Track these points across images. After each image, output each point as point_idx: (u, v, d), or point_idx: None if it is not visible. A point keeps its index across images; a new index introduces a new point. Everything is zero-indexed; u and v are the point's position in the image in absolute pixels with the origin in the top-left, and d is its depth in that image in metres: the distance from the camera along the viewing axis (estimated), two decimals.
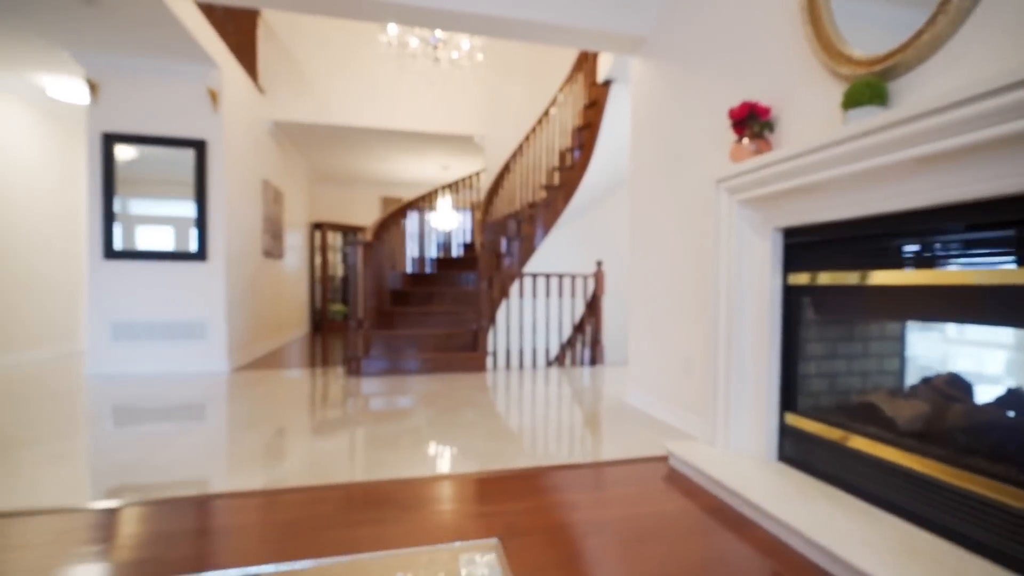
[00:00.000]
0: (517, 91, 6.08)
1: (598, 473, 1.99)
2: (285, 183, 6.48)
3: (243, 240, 4.80)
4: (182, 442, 2.30)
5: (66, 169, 5.26)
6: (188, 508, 1.64)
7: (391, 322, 4.60)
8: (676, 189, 2.66)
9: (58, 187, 5.08)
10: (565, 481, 1.90)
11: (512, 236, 4.91)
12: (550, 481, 1.89)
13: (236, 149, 4.59)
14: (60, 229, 5.16)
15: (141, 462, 2.05)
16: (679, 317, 2.61)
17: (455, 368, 4.19)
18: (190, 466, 2.01)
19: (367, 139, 6.26)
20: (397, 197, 9.15)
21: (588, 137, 4.69)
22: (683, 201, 2.59)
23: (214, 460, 2.09)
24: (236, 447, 2.25)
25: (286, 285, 6.71)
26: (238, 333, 4.59)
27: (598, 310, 4.61)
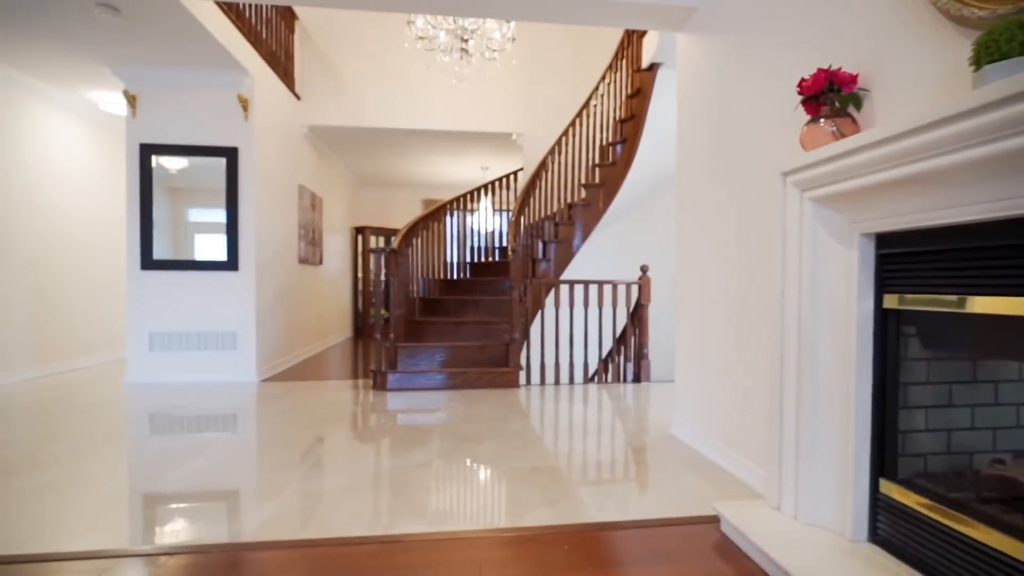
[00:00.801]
0: (555, 86, 5.71)
1: (632, 538, 1.61)
2: (324, 188, 6.43)
3: (276, 248, 4.73)
4: (172, 475, 2.12)
5: (119, 181, 5.40)
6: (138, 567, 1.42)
7: (420, 333, 4.37)
8: (730, 185, 2.22)
9: (111, 198, 5.22)
10: (592, 547, 1.54)
11: (549, 240, 4.55)
12: (574, 547, 1.54)
13: (268, 156, 4.51)
14: (113, 239, 5.31)
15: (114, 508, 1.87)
16: (735, 339, 2.18)
17: (485, 384, 3.89)
18: (158, 509, 1.81)
19: (404, 141, 6.09)
20: (438, 199, 8.99)
21: (632, 129, 4.26)
22: (739, 199, 2.15)
23: (189, 501, 1.88)
24: (225, 482, 2.05)
25: (326, 291, 6.67)
26: (269, 343, 4.51)
27: (643, 321, 4.17)
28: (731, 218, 2.21)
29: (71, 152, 4.72)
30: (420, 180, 8.29)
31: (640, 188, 4.72)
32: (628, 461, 2.32)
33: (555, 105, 5.64)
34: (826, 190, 1.50)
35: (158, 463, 2.25)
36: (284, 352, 4.92)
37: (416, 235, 4.61)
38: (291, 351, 5.15)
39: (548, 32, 5.69)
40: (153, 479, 2.06)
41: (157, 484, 2.02)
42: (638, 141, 4.21)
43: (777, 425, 1.69)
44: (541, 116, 5.67)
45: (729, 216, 2.23)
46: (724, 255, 2.27)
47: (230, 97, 4.11)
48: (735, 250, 2.17)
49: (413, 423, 2.92)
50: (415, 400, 3.52)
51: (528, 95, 5.68)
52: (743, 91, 2.13)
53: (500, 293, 4.79)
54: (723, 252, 2.28)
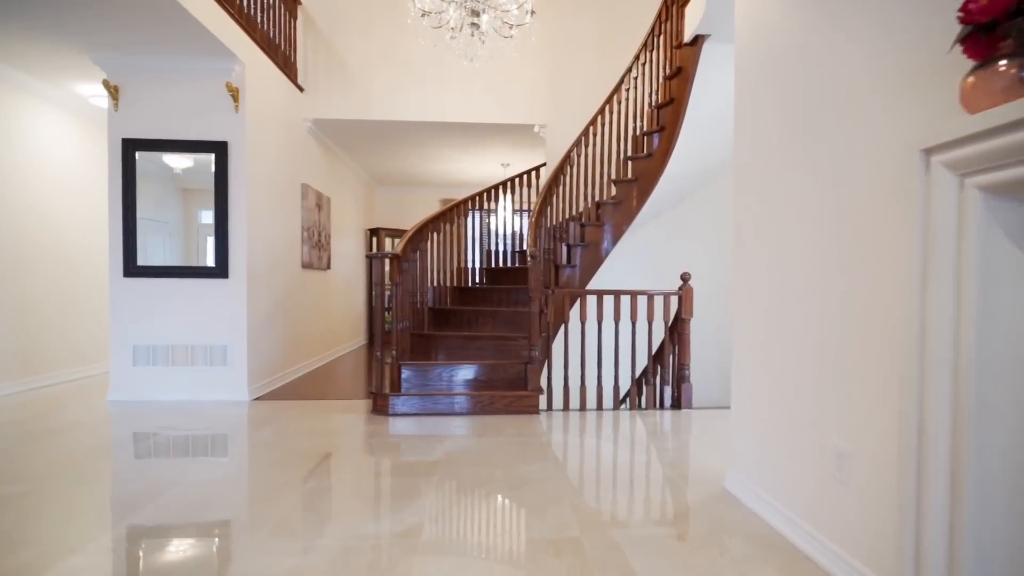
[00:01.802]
0: (582, 72, 5.17)
1: None
2: (332, 188, 6.04)
3: (273, 252, 4.33)
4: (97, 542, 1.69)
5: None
6: None
7: (428, 349, 3.89)
8: (819, 171, 1.66)
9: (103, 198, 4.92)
10: None
11: (574, 243, 4.02)
12: None
13: (264, 151, 4.11)
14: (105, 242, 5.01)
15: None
16: (824, 380, 1.61)
17: (501, 409, 3.38)
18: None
19: (416, 135, 5.64)
20: (456, 199, 8.54)
21: (671, 116, 3.69)
22: (833, 189, 1.59)
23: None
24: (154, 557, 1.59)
25: (335, 297, 6.29)
26: (264, 357, 4.11)
27: (684, 338, 3.60)
28: (814, 212, 1.65)
29: (58, 149, 4.41)
30: (437, 179, 7.85)
31: (679, 183, 4.14)
32: (672, 533, 1.78)
33: (581, 93, 5.10)
34: (1012, 173, 0.95)
35: (87, 520, 1.82)
36: (283, 366, 4.52)
37: (425, 238, 4.14)
38: (292, 364, 4.75)
39: (573, 9, 5.16)
40: (65, 546, 1.63)
41: (62, 557, 1.58)
42: (678, 129, 3.64)
43: (911, 518, 1.13)
44: (566, 105, 5.14)
45: (811, 209, 1.67)
46: (810, 264, 1.70)
47: (218, 86, 3.72)
48: (822, 254, 1.61)
49: (410, 464, 2.44)
50: (419, 429, 3.04)
51: (551, 82, 5.16)
52: (839, 45, 1.57)
53: (519, 304, 4.28)
54: (800, 255, 1.72)
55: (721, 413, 3.49)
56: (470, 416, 3.32)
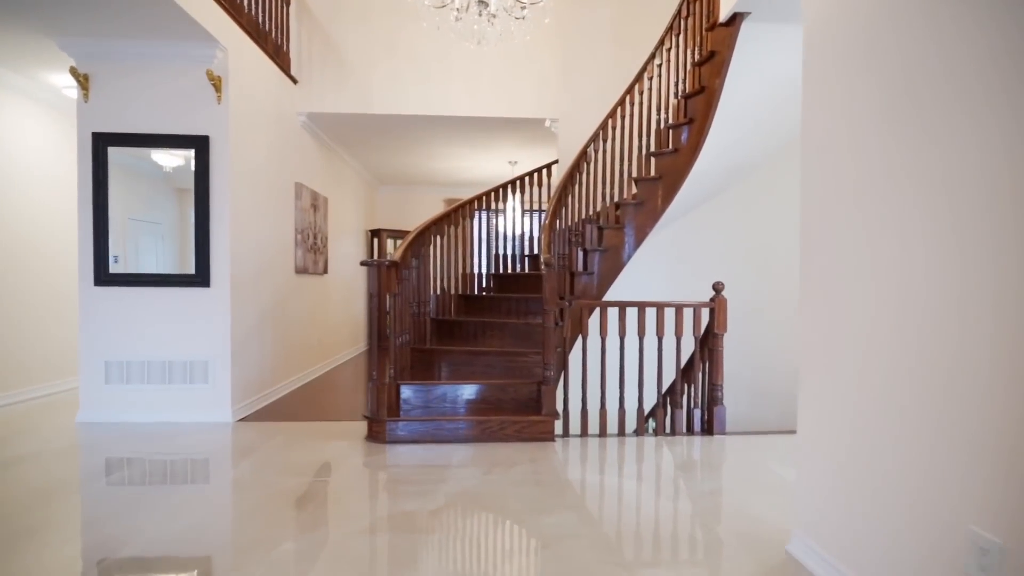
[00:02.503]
0: (596, 63, 4.78)
1: None
2: (329, 187, 5.67)
3: (262, 257, 3.96)
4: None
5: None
6: None
7: (431, 365, 3.52)
8: (947, 156, 1.27)
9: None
10: None
11: (591, 248, 3.64)
12: None
13: (251, 147, 3.75)
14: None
15: None
16: (957, 438, 1.22)
17: (511, 435, 3.01)
18: None
19: (419, 130, 5.27)
20: (461, 199, 8.17)
21: (701, 106, 3.30)
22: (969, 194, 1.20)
23: None
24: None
25: (333, 302, 5.93)
26: (250, 372, 3.74)
27: (716, 355, 3.21)
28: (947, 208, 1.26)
29: (29, 145, 4.06)
30: (441, 177, 7.48)
31: (707, 181, 3.75)
32: None
33: (596, 85, 4.71)
34: None
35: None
36: (273, 381, 4.16)
37: (427, 242, 3.77)
38: (283, 378, 4.39)
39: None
40: None
41: None
42: (710, 120, 3.25)
43: None
44: (579, 99, 4.75)
45: (940, 205, 1.28)
46: (919, 272, 1.31)
47: (198, 75, 3.36)
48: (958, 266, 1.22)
49: (407, 515, 2.06)
50: (419, 460, 2.66)
51: (563, 74, 4.77)
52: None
53: (529, 314, 3.90)
54: (916, 267, 1.32)
55: (758, 440, 3.10)
56: (477, 444, 2.94)
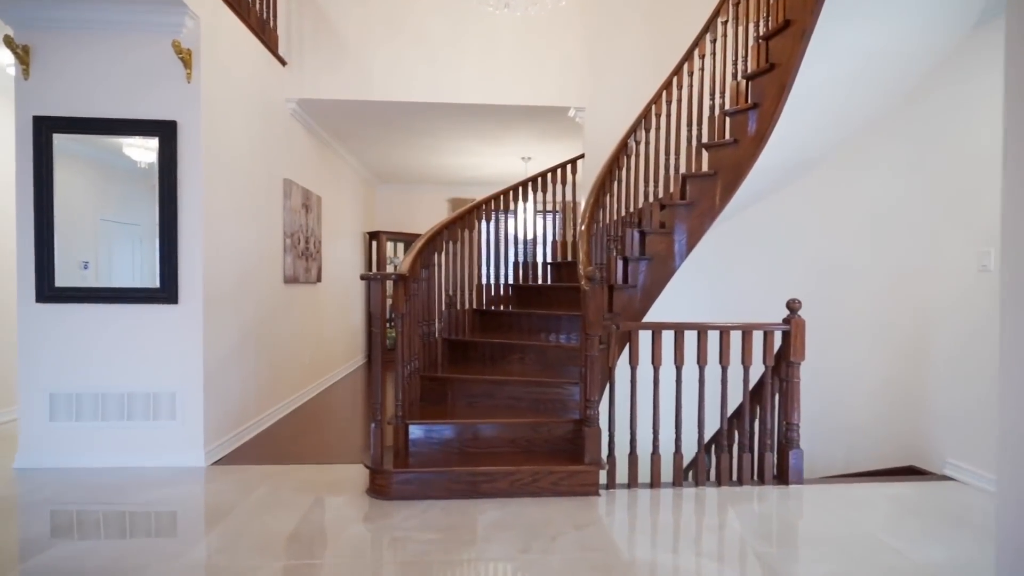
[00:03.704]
0: (630, 45, 4.22)
1: None
2: (323, 185, 5.09)
3: (244, 266, 3.38)
4: None
5: None
6: None
7: (443, 397, 2.95)
8: None
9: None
10: None
11: (634, 256, 3.08)
12: None
13: (230, 136, 3.17)
14: None
15: None
16: None
17: (546, 489, 2.44)
18: None
19: (425, 121, 4.70)
20: (468, 198, 7.61)
21: (771, 87, 2.73)
22: None
23: None
24: None
25: (328, 314, 5.34)
26: (228, 403, 3.16)
27: (792, 387, 2.65)
28: None
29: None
30: (446, 175, 6.91)
31: (766, 176, 3.19)
32: None
33: (629, 70, 4.16)
34: None
35: None
36: (256, 410, 3.57)
37: (438, 249, 3.20)
38: (269, 405, 3.81)
39: None
40: None
41: None
42: (781, 104, 2.68)
43: None
44: (610, 85, 4.19)
45: None
46: None
47: (163, 47, 2.78)
48: None
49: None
50: (434, 526, 2.09)
51: (591, 57, 4.21)
52: None
53: (559, 332, 3.34)
54: None
55: (842, 492, 2.55)
56: (505, 501, 2.37)
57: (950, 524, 2.23)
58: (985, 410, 2.61)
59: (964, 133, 2.71)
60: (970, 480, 2.66)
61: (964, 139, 2.72)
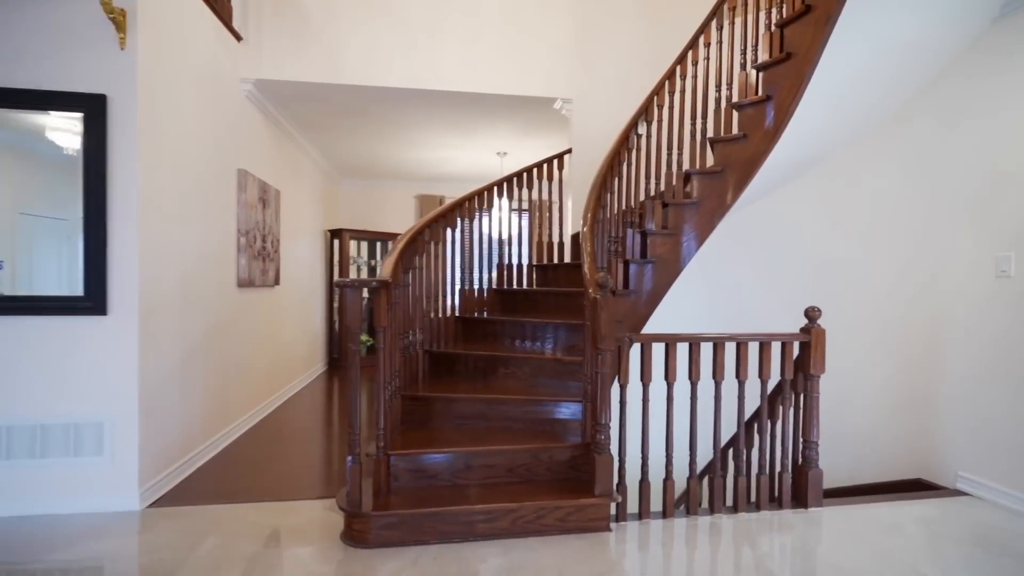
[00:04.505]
0: (621, 35, 3.98)
1: None
2: (282, 178, 4.61)
3: (188, 270, 2.91)
4: None
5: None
6: None
7: (429, 419, 2.60)
8: None
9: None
10: None
11: (635, 259, 2.82)
12: None
13: (172, 114, 2.70)
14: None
15: None
16: None
17: (552, 527, 2.14)
18: None
19: (398, 109, 4.31)
20: (436, 195, 7.24)
21: (787, 77, 2.53)
22: None
23: None
24: None
25: (287, 320, 4.86)
26: (169, 432, 2.70)
27: (811, 402, 2.46)
28: None
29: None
30: (414, 170, 6.50)
31: (774, 174, 3.00)
32: None
33: (624, 59, 3.92)
34: None
35: None
36: (204, 435, 3.11)
37: (421, 250, 2.85)
38: (219, 428, 3.34)
39: None
40: None
41: None
42: (798, 97, 2.48)
43: None
44: (599, 77, 3.94)
45: None
46: None
47: (89, 6, 2.30)
48: None
49: None
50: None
51: (580, 45, 3.94)
52: None
53: (555, 343, 3.04)
54: None
55: (866, 514, 2.37)
56: (507, 543, 2.06)
57: (987, 551, 2.07)
58: (1002, 422, 2.50)
59: (980, 132, 2.60)
60: (985, 495, 2.55)
61: (980, 138, 2.60)
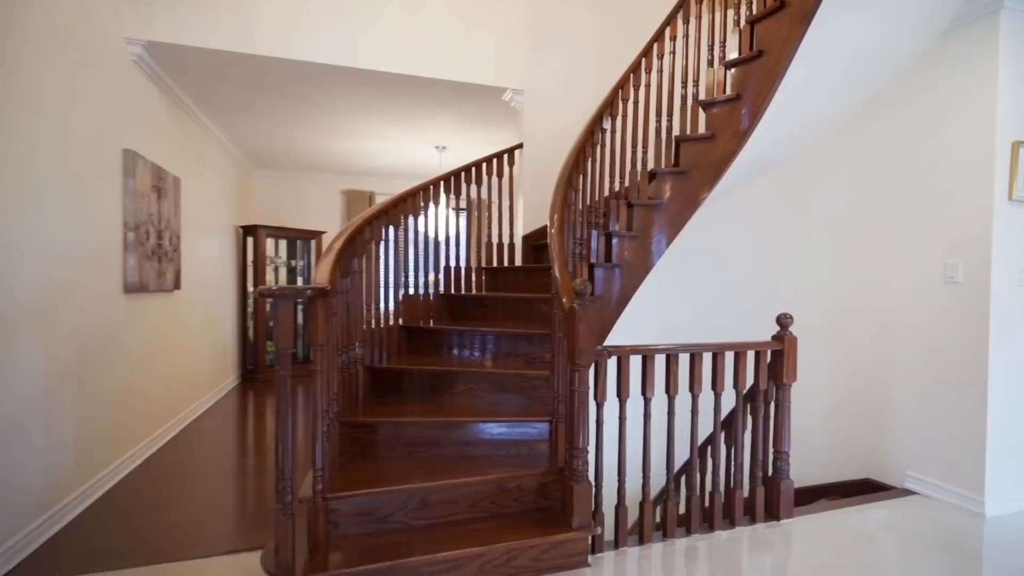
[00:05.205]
0: (573, 27, 3.79)
1: None
2: (183, 164, 3.95)
3: (54, 272, 2.30)
4: None
5: None
6: None
7: (371, 448, 2.21)
8: None
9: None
10: None
11: (600, 263, 2.62)
12: None
13: (24, 70, 2.10)
14: None
15: None
16: None
17: (526, 568, 1.85)
18: None
19: (325, 91, 3.83)
20: (366, 191, 6.71)
21: (758, 76, 2.44)
22: None
23: None
24: None
25: (191, 329, 4.18)
26: (23, 481, 2.10)
27: (782, 412, 2.38)
28: None
29: None
30: (341, 162, 5.94)
31: (745, 170, 2.93)
32: None
33: (579, 50, 3.73)
34: None
35: None
36: (80, 478, 2.49)
37: (361, 251, 2.45)
38: (103, 466, 2.71)
39: None
40: None
41: None
42: (770, 94, 2.40)
43: None
44: (555, 67, 3.72)
45: None
46: None
47: None
48: None
49: None
50: None
51: (532, 33, 3.70)
52: None
53: (512, 357, 2.76)
54: None
55: (843, 522, 2.33)
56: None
57: (956, 555, 2.07)
58: (947, 422, 2.57)
59: (928, 140, 2.67)
60: (932, 493, 2.62)
61: (927, 155, 2.68)
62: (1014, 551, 2.13)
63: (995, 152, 2.41)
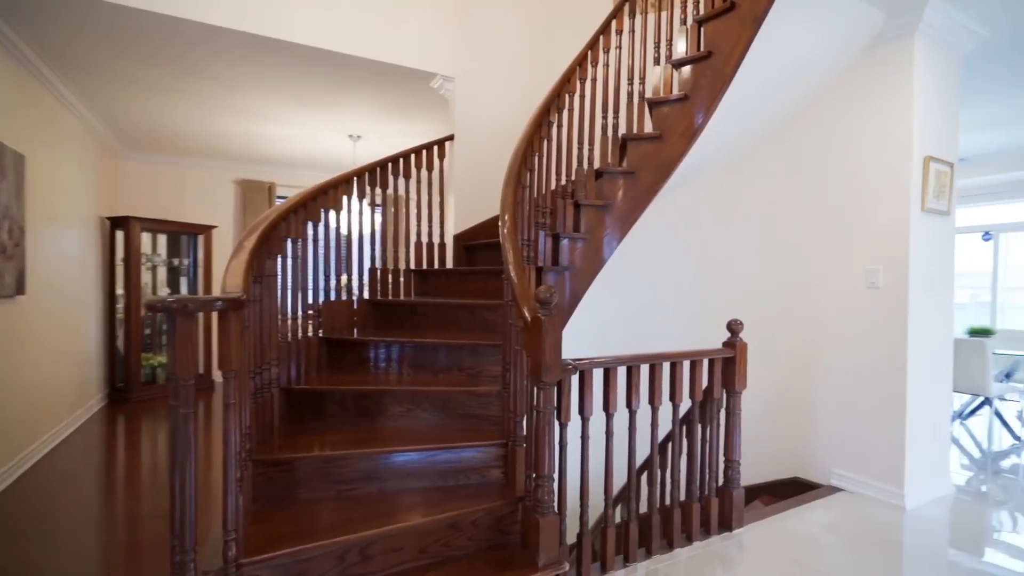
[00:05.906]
0: (506, 16, 3.58)
1: None
2: (28, 138, 3.17)
3: None
4: None
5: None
6: None
7: (294, 489, 1.83)
8: None
9: None
10: None
11: (547, 266, 2.44)
12: None
13: None
14: None
15: None
16: None
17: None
18: None
19: (220, 61, 3.26)
20: (265, 182, 6.01)
21: (707, 77, 2.39)
22: None
23: None
24: None
25: (39, 342, 3.38)
26: None
27: (733, 420, 2.35)
28: None
29: None
30: (234, 148, 5.22)
31: (687, 173, 2.90)
32: None
33: (516, 37, 3.52)
34: None
35: None
36: None
37: (276, 251, 2.04)
38: None
39: None
40: None
41: None
42: (719, 96, 2.36)
43: None
44: (489, 54, 3.48)
45: None
46: None
47: None
48: None
49: None
50: None
51: (463, 18, 3.42)
52: None
53: (453, 370, 2.47)
54: None
55: (792, 527, 2.35)
56: None
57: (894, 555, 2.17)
58: (869, 421, 2.73)
59: (851, 151, 2.82)
60: (856, 489, 2.76)
61: (851, 156, 2.82)
62: (941, 543, 2.28)
63: (911, 165, 2.58)
